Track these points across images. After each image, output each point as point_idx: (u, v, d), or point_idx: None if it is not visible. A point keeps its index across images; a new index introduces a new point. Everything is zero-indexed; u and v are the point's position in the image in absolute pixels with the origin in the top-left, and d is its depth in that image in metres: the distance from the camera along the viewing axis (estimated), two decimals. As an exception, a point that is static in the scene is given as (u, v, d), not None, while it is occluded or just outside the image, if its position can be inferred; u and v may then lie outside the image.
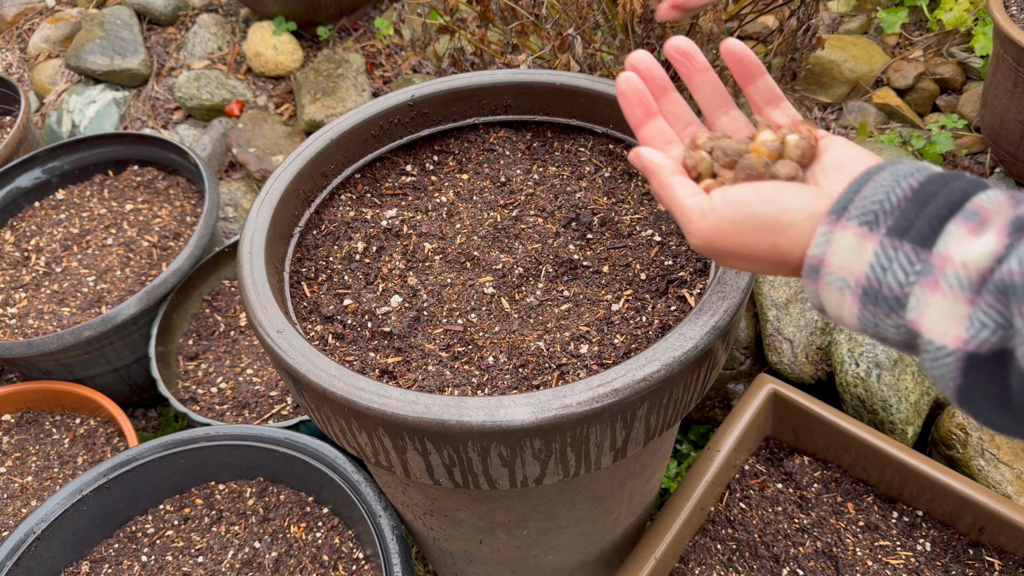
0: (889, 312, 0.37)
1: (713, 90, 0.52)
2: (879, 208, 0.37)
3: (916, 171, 0.38)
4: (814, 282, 0.40)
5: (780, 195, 0.43)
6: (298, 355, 0.63)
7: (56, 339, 1.32)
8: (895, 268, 0.36)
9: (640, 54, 0.51)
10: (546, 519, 0.84)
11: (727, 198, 0.44)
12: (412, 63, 2.06)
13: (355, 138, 0.88)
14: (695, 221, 0.45)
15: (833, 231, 0.39)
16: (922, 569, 1.00)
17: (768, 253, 0.43)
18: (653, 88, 0.52)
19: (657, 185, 0.48)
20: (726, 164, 0.47)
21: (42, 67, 2.31)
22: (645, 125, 0.51)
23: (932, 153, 1.57)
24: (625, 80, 0.51)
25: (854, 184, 0.39)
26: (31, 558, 1.01)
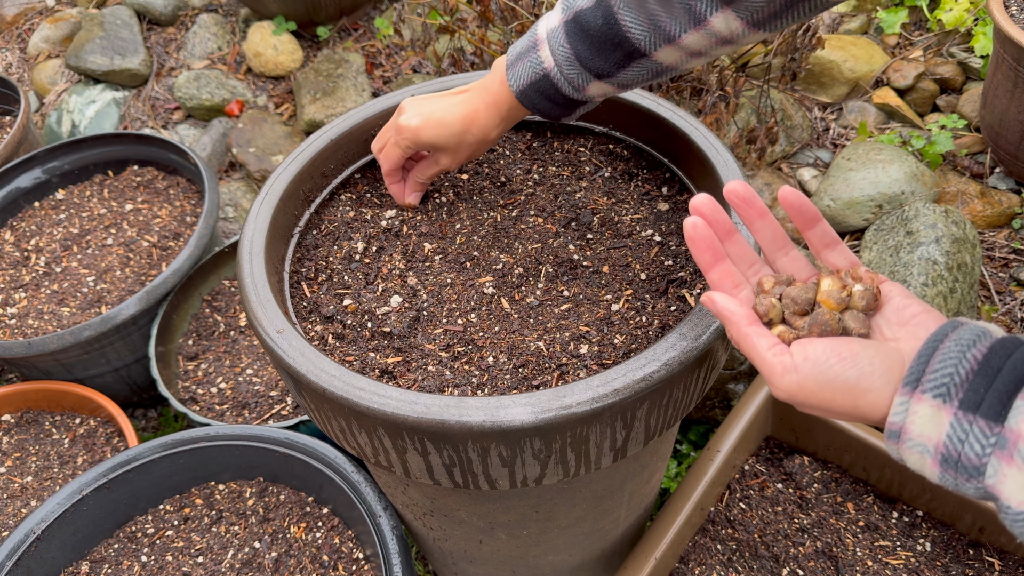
0: (969, 478, 0.41)
1: (773, 233, 0.55)
2: (950, 381, 0.42)
3: (978, 339, 0.43)
4: (896, 444, 0.45)
5: (858, 358, 0.46)
6: (298, 355, 0.63)
7: (56, 339, 1.32)
8: (971, 441, 0.40)
9: (703, 199, 0.54)
10: (546, 519, 0.84)
11: (808, 357, 0.47)
12: (412, 63, 2.06)
13: (355, 138, 0.88)
14: (779, 376, 0.48)
15: (910, 402, 0.43)
16: (922, 569, 1.00)
17: (849, 411, 0.47)
18: (718, 231, 0.55)
19: (735, 333, 0.51)
20: (796, 312, 0.51)
21: (42, 67, 2.31)
22: (713, 268, 0.54)
23: (932, 153, 1.57)
24: (692, 226, 0.54)
25: (922, 354, 0.44)
26: (31, 558, 1.01)
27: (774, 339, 0.50)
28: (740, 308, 0.51)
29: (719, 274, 0.54)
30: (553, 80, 0.69)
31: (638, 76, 0.66)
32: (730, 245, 0.55)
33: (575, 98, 0.70)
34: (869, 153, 1.53)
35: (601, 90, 0.69)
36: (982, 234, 1.51)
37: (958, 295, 1.30)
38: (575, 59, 0.66)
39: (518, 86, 0.71)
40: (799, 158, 1.71)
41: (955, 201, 1.53)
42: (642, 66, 0.65)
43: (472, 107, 0.75)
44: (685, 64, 0.65)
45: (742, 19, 0.58)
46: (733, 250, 0.55)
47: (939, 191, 1.51)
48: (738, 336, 0.51)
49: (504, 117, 0.75)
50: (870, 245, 1.41)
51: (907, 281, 1.27)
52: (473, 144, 0.77)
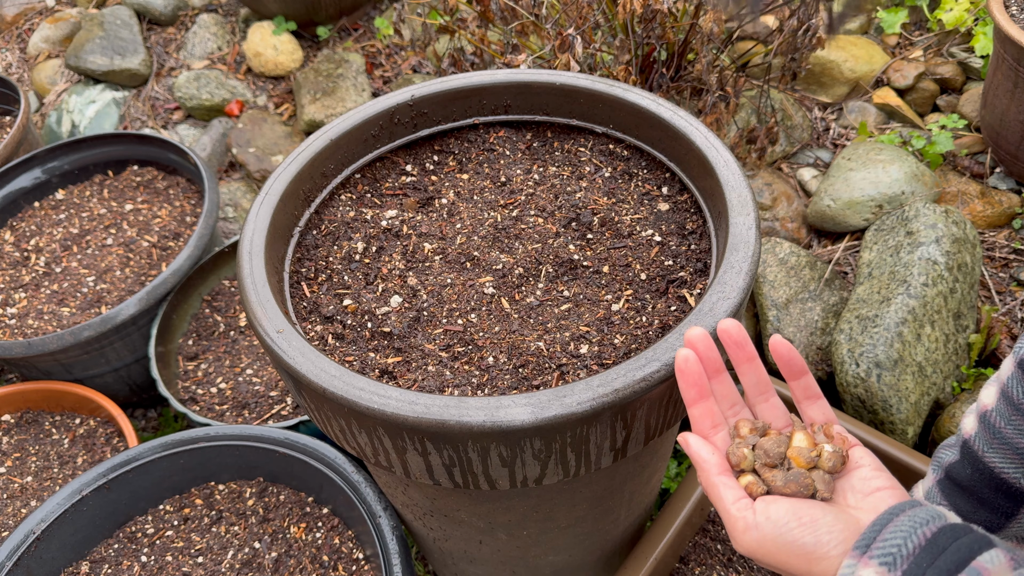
0: None
1: (758, 379, 0.57)
2: (897, 552, 0.43)
3: (931, 519, 0.44)
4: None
5: (817, 524, 0.47)
6: (298, 355, 0.63)
7: (56, 339, 1.32)
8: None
9: (698, 333, 0.56)
10: (546, 519, 0.83)
11: (770, 517, 0.49)
12: (412, 63, 2.06)
13: (355, 138, 0.88)
14: (740, 532, 0.50)
15: (857, 566, 0.44)
16: (922, 569, 0.99)
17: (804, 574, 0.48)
18: (708, 368, 0.56)
19: (705, 481, 0.53)
20: (767, 464, 0.53)
21: (42, 67, 2.31)
22: (697, 404, 0.56)
23: (932, 153, 1.57)
24: (684, 360, 0.55)
25: (877, 523, 0.45)
26: (31, 558, 1.01)
27: (740, 492, 0.52)
28: (712, 456, 0.53)
29: (701, 411, 0.56)
30: None
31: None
32: (716, 383, 0.57)
33: None
34: (869, 153, 1.53)
35: None
36: (982, 234, 1.51)
37: (958, 295, 1.30)
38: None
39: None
40: (799, 158, 1.71)
41: (955, 201, 1.53)
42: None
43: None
44: None
45: None
46: (718, 388, 0.57)
47: (939, 191, 1.51)
48: (707, 484, 0.53)
49: None
50: (870, 245, 1.41)
51: (907, 281, 1.26)
52: None
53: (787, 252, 1.41)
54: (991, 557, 0.41)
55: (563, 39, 1.30)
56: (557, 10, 1.42)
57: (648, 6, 1.27)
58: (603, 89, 0.86)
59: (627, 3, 1.24)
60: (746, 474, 0.53)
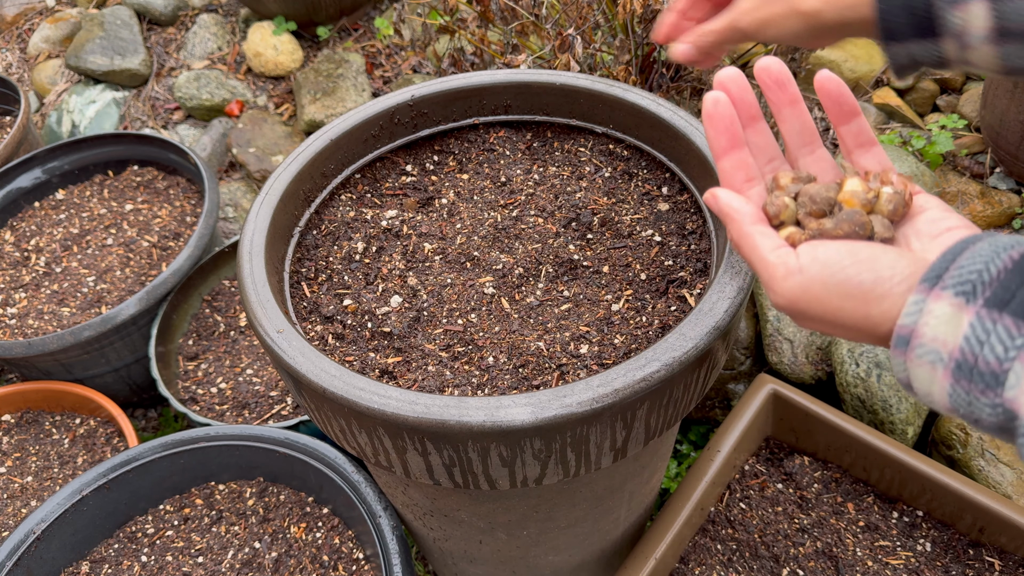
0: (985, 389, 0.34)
1: (802, 126, 0.48)
2: (977, 278, 0.35)
3: (1018, 243, 0.37)
4: (903, 354, 0.38)
5: (877, 262, 0.40)
6: (298, 355, 0.63)
7: (56, 339, 1.32)
8: (993, 342, 0.34)
9: (731, 73, 0.47)
10: (546, 519, 0.84)
11: (817, 257, 0.41)
12: (412, 63, 2.06)
13: (355, 138, 0.88)
14: (779, 279, 0.41)
15: (927, 300, 0.36)
16: (922, 569, 0.99)
17: (859, 322, 0.40)
18: (742, 114, 0.48)
19: (736, 233, 0.44)
20: (813, 212, 0.44)
21: (42, 67, 2.31)
22: (728, 155, 0.47)
23: (932, 153, 1.57)
24: (714, 102, 0.46)
25: (949, 252, 0.37)
26: (31, 558, 1.01)
27: (780, 241, 0.43)
28: (746, 206, 0.44)
29: (733, 163, 0.47)
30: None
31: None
32: (751, 133, 0.48)
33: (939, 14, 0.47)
34: (869, 153, 1.53)
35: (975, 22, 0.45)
36: (982, 234, 1.51)
37: None
38: None
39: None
40: (799, 158, 1.71)
41: (955, 201, 1.53)
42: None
43: None
44: None
45: None
46: (754, 139, 0.48)
47: (939, 191, 1.51)
48: (738, 236, 0.44)
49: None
50: (870, 245, 1.41)
51: (907, 281, 1.27)
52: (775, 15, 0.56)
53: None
54: None
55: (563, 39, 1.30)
56: (557, 10, 1.42)
57: (648, 6, 1.27)
58: (603, 89, 0.86)
59: (627, 3, 1.24)
60: (787, 226, 0.44)
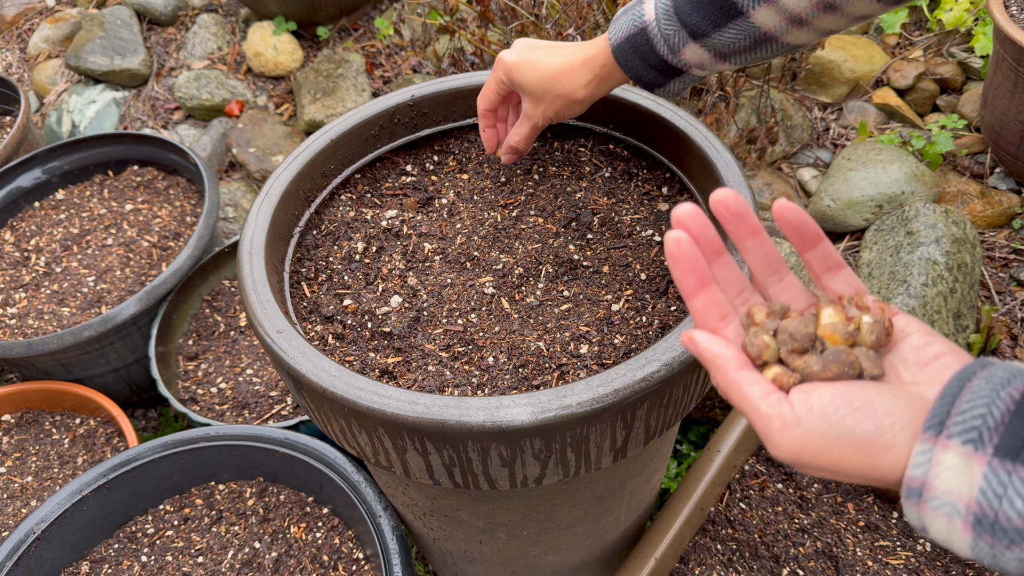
0: (1010, 545, 0.33)
1: (767, 255, 0.46)
2: (982, 424, 0.35)
3: (1013, 377, 0.36)
4: (916, 505, 0.37)
5: (873, 407, 0.38)
6: (298, 355, 0.63)
7: (56, 339, 1.32)
8: (1012, 495, 0.33)
9: (688, 209, 0.45)
10: (546, 519, 0.84)
11: (813, 408, 0.39)
12: (412, 63, 2.06)
13: (355, 138, 0.88)
14: (777, 432, 0.40)
15: (934, 450, 0.35)
16: (922, 569, 1.00)
17: (866, 472, 0.39)
18: (705, 250, 0.46)
19: (722, 380, 0.43)
20: (794, 349, 0.43)
21: (42, 67, 2.31)
22: (698, 295, 0.45)
23: (932, 153, 1.57)
24: (676, 243, 0.44)
25: (947, 392, 0.37)
26: (31, 558, 1.01)
27: (769, 386, 0.42)
28: (727, 350, 0.43)
29: (704, 303, 0.45)
30: (650, 35, 0.66)
31: (735, 41, 0.63)
32: (717, 268, 0.46)
33: (670, 61, 0.67)
34: (869, 153, 1.53)
35: (697, 57, 0.66)
36: (982, 234, 1.51)
37: (958, 295, 1.30)
38: (674, 12, 0.64)
39: (616, 40, 0.68)
40: (799, 158, 1.71)
41: (955, 201, 1.53)
42: (739, 28, 0.62)
43: (570, 58, 0.72)
44: (786, 35, 0.61)
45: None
46: (720, 273, 0.46)
47: (939, 191, 1.51)
48: (725, 384, 0.43)
49: (597, 75, 0.72)
50: (870, 245, 1.41)
51: (907, 281, 1.27)
52: (560, 98, 0.74)
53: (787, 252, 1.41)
54: None
55: (563, 39, 1.30)
56: (557, 10, 1.42)
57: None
58: (603, 89, 0.86)
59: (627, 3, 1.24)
60: (770, 366, 0.43)
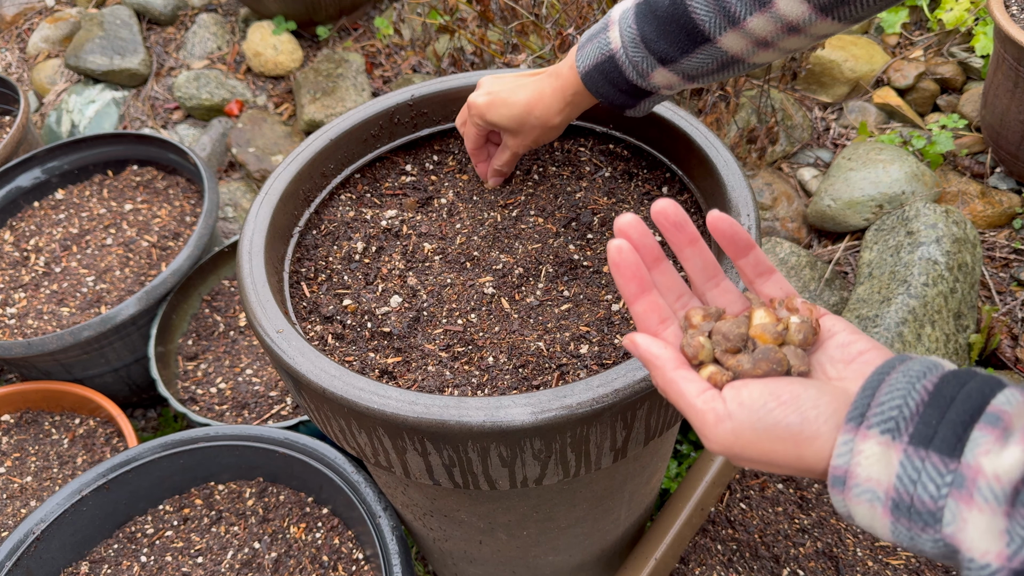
0: (924, 527, 0.36)
1: (704, 262, 0.50)
2: (898, 414, 0.37)
3: (927, 370, 0.38)
4: (841, 493, 0.39)
5: (799, 400, 0.41)
6: (298, 355, 0.63)
7: (55, 339, 1.32)
8: (925, 480, 0.36)
9: (629, 219, 0.48)
10: (546, 519, 0.83)
11: (743, 402, 0.42)
12: (412, 63, 2.06)
13: (355, 138, 0.88)
14: (711, 426, 0.43)
15: (855, 440, 0.38)
16: (922, 570, 0.99)
17: (793, 462, 0.41)
18: (646, 258, 0.49)
19: (660, 379, 0.46)
20: (728, 349, 0.46)
21: (41, 67, 2.31)
22: (639, 300, 0.48)
23: (933, 153, 1.57)
24: (618, 251, 0.47)
25: (868, 386, 0.39)
26: (30, 558, 1.01)
27: (704, 384, 0.45)
28: (665, 351, 0.46)
29: (645, 307, 0.48)
30: (618, 62, 0.67)
31: (702, 65, 0.64)
32: (657, 274, 0.49)
33: (639, 85, 0.69)
34: (870, 153, 1.53)
35: (666, 80, 0.67)
36: (982, 234, 1.51)
37: (958, 295, 1.30)
38: (640, 41, 0.65)
39: (584, 67, 0.69)
40: (799, 158, 1.71)
41: (956, 201, 1.53)
42: (707, 53, 0.63)
43: (538, 90, 0.74)
44: (753, 56, 0.63)
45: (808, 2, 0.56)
46: (661, 279, 0.50)
47: (940, 191, 1.51)
48: (663, 383, 0.45)
49: (569, 102, 0.74)
50: (870, 245, 1.41)
51: (908, 281, 1.26)
52: (536, 128, 0.76)
53: (787, 252, 1.41)
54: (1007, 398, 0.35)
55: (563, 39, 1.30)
56: (557, 10, 1.42)
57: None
58: (603, 89, 0.86)
59: (627, 3, 1.24)
60: (706, 366, 0.46)
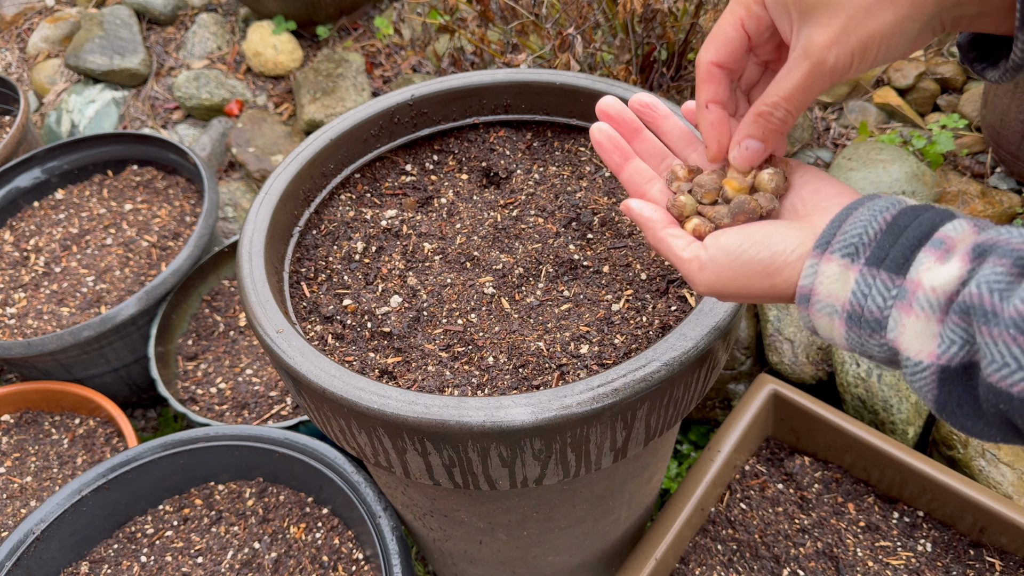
0: (872, 333, 0.41)
1: (680, 132, 0.56)
2: (858, 241, 0.42)
3: (891, 205, 0.42)
4: (806, 309, 0.45)
5: (770, 239, 0.46)
6: (298, 355, 0.63)
7: (55, 339, 1.32)
8: (874, 294, 0.41)
9: (608, 100, 0.55)
10: (546, 520, 0.83)
11: (721, 247, 0.48)
12: (412, 63, 2.06)
13: (355, 138, 0.88)
14: (696, 272, 0.49)
15: (819, 263, 0.43)
16: (923, 569, 0.99)
17: (767, 291, 0.47)
18: (624, 131, 0.55)
19: (652, 238, 0.52)
20: (706, 197, 0.51)
21: (41, 67, 2.31)
22: (624, 168, 0.55)
23: (933, 153, 1.57)
24: (598, 130, 0.54)
25: (835, 219, 0.43)
26: (30, 558, 1.01)
27: (689, 238, 0.50)
28: (655, 212, 0.52)
29: (630, 173, 0.55)
30: None
31: None
32: (639, 144, 0.55)
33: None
34: (870, 153, 1.53)
35: None
36: (983, 234, 1.51)
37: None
38: None
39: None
40: (800, 158, 1.71)
41: (956, 201, 1.52)
42: None
43: None
44: None
45: None
46: (642, 147, 0.55)
47: (940, 191, 1.51)
48: (655, 241, 0.51)
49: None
50: (871, 245, 1.41)
51: (908, 281, 1.26)
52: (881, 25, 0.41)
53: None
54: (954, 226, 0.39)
55: (563, 39, 1.30)
56: (557, 9, 1.42)
57: (648, 5, 1.27)
58: (603, 88, 0.86)
59: (627, 3, 1.24)
60: (691, 219, 0.51)
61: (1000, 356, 0.34)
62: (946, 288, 0.37)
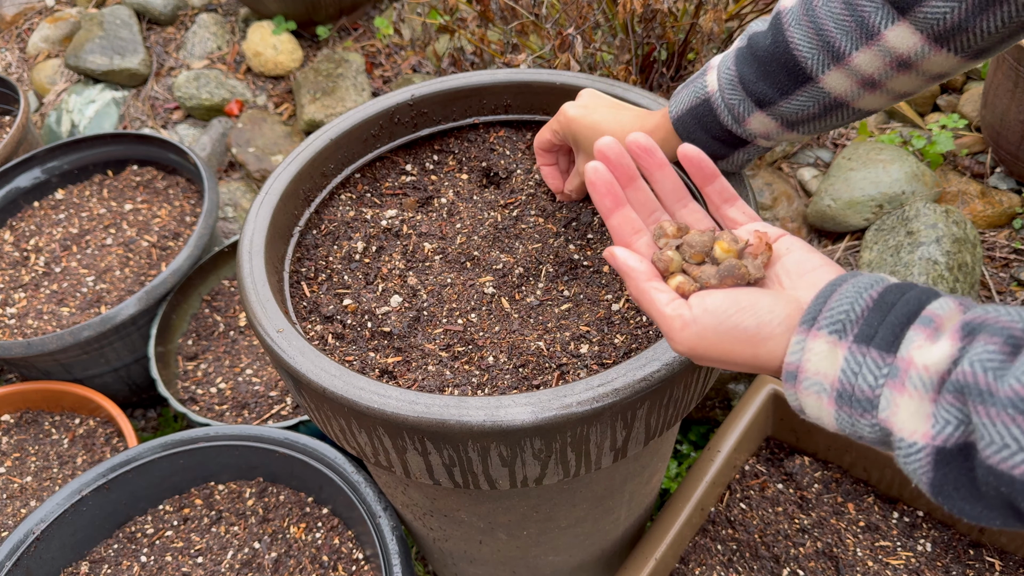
0: (863, 413, 0.41)
1: (673, 185, 0.55)
2: (845, 318, 0.42)
3: (875, 283, 0.43)
4: (793, 386, 0.44)
5: (756, 306, 0.46)
6: (298, 355, 0.63)
7: (55, 339, 1.32)
8: (865, 372, 0.40)
9: (607, 142, 0.54)
10: (546, 519, 0.83)
11: (707, 308, 0.47)
12: (412, 63, 2.06)
13: (355, 138, 0.88)
14: (677, 331, 0.48)
15: (807, 340, 0.43)
16: (923, 569, 0.99)
17: (749, 360, 0.46)
18: (620, 176, 0.54)
19: (634, 289, 0.51)
20: (694, 257, 0.51)
21: (41, 67, 2.31)
22: (614, 214, 0.54)
23: (933, 153, 1.57)
24: (594, 170, 0.53)
25: (821, 295, 0.44)
26: (30, 558, 1.01)
27: (673, 294, 0.50)
28: (640, 264, 0.51)
29: (619, 220, 0.54)
30: (713, 106, 0.64)
31: (803, 108, 0.61)
32: (632, 192, 0.55)
33: (734, 131, 0.65)
34: (870, 153, 1.53)
35: (764, 127, 0.64)
36: (983, 234, 1.51)
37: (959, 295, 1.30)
38: (738, 82, 0.62)
39: (676, 112, 0.67)
40: (799, 158, 1.71)
41: (956, 201, 1.52)
42: (808, 94, 0.60)
43: (629, 127, 0.71)
44: (858, 100, 0.59)
45: (920, 31, 0.52)
46: (635, 197, 0.55)
47: (940, 191, 1.51)
48: (637, 292, 0.50)
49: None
50: (870, 245, 1.41)
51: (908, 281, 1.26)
52: None
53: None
54: (941, 304, 0.40)
55: (563, 39, 1.30)
56: (557, 10, 1.42)
57: (648, 6, 1.27)
58: (604, 88, 0.86)
59: (627, 3, 1.24)
60: (675, 275, 0.51)
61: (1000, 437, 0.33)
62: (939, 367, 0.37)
